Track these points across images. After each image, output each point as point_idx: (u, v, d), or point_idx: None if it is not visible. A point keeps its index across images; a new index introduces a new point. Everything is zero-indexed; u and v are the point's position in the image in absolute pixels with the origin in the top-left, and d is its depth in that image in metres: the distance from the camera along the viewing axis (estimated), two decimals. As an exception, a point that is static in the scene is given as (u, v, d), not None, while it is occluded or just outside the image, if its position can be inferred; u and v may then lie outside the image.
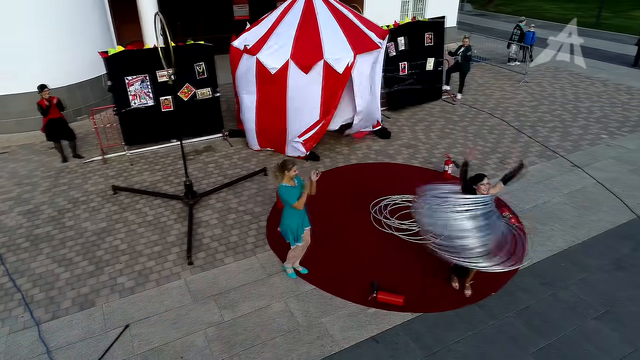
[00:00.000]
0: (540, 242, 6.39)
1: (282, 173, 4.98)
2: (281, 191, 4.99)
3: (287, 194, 4.96)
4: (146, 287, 5.59)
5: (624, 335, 4.98)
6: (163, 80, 8.52)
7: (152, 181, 7.97)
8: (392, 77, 10.86)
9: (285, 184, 4.99)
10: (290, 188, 5.00)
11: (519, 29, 14.54)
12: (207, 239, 6.49)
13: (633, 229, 6.73)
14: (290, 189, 4.99)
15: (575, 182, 7.98)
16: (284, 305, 5.34)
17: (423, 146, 9.30)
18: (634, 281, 5.75)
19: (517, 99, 11.98)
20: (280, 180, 5.01)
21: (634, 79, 13.64)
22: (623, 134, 9.93)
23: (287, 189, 4.98)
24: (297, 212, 5.10)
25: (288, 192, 4.97)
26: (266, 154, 8.91)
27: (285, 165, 4.98)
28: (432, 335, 4.97)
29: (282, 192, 4.98)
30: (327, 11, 8.15)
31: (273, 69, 7.83)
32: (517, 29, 14.59)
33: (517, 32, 14.58)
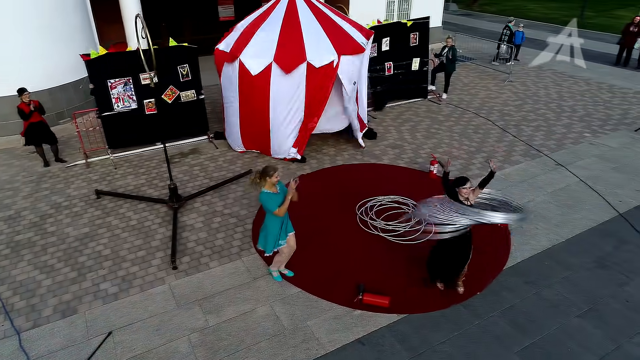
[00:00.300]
0: (524, 241, 6.44)
1: (264, 180, 4.94)
2: (262, 198, 4.95)
3: (268, 201, 4.93)
4: (130, 293, 5.52)
5: (607, 333, 5.03)
6: (146, 83, 8.43)
7: (137, 185, 7.88)
8: (378, 77, 10.90)
9: (266, 191, 4.95)
10: (272, 195, 4.96)
11: (509, 29, 14.63)
12: (192, 242, 6.43)
13: (615, 226, 6.82)
14: (272, 196, 4.96)
15: (558, 180, 8.06)
16: (269, 308, 5.31)
17: (409, 146, 9.32)
18: (616, 279, 5.82)
19: (501, 98, 12.08)
20: (261, 187, 4.97)
21: (616, 78, 13.84)
22: (606, 132, 10.06)
23: (268, 196, 4.94)
24: (278, 218, 5.08)
25: (269, 199, 4.94)
26: (252, 156, 8.86)
27: (266, 172, 4.94)
28: (417, 336, 4.98)
29: (264, 199, 4.95)
30: (310, 13, 8.13)
31: (256, 70, 7.79)
32: (507, 29, 14.68)
33: (506, 32, 14.67)
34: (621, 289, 5.66)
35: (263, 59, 7.78)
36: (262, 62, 7.78)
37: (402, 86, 11.38)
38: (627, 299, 5.50)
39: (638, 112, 11.12)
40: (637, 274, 5.89)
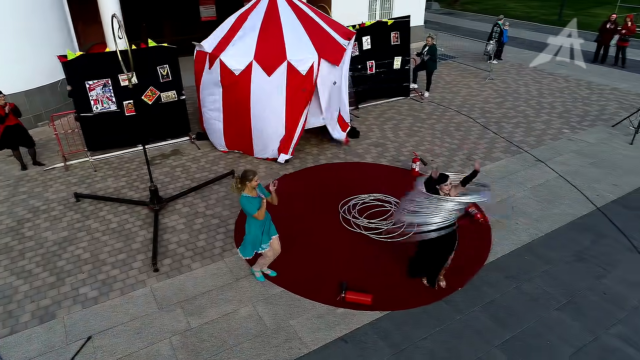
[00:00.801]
0: (505, 236, 6.52)
1: (243, 184, 4.92)
2: (242, 202, 4.94)
3: (248, 204, 4.92)
4: (110, 297, 5.45)
5: (585, 325, 5.12)
6: (125, 84, 8.33)
7: (117, 187, 7.78)
8: (360, 75, 10.93)
9: (246, 195, 4.94)
10: (252, 198, 4.95)
11: (499, 27, 14.73)
12: (174, 244, 6.37)
13: (593, 220, 6.95)
14: (252, 200, 4.94)
15: (538, 176, 8.18)
16: (252, 309, 5.29)
17: (391, 144, 9.37)
18: (594, 272, 5.92)
19: (482, 96, 12.21)
20: (241, 192, 4.95)
21: (594, 75, 14.08)
22: (584, 128, 10.24)
23: (248, 199, 4.93)
24: (259, 221, 5.07)
25: (249, 203, 4.92)
26: (234, 156, 8.81)
27: (246, 176, 4.92)
28: (400, 333, 5.00)
29: (243, 202, 4.93)
30: (291, 12, 8.12)
31: (237, 70, 7.77)
32: (497, 27, 14.76)
33: (497, 30, 14.76)
34: (599, 282, 5.76)
35: (243, 58, 7.75)
36: (242, 61, 7.74)
37: (384, 85, 11.44)
38: (604, 292, 5.60)
39: (615, 108, 11.33)
40: (614, 267, 6.01)
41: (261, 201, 4.99)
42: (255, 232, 5.14)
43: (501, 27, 14.68)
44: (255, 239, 5.17)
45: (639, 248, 6.35)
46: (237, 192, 4.99)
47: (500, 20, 14.83)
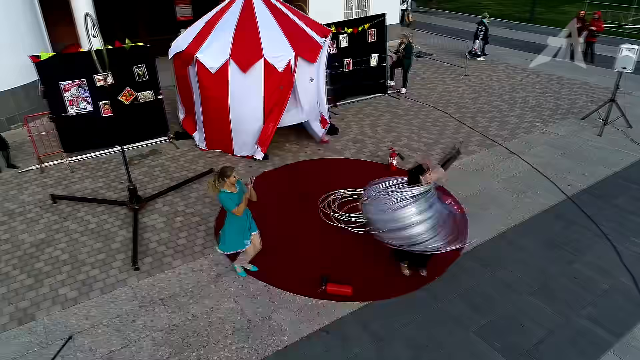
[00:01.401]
0: (480, 227, 6.71)
1: (222, 181, 4.96)
2: (221, 198, 4.98)
3: (227, 200, 4.96)
4: (90, 297, 5.42)
5: (556, 308, 5.32)
6: (101, 84, 8.25)
7: (95, 188, 7.71)
8: (338, 73, 11.03)
9: (225, 191, 4.98)
10: (231, 194, 4.99)
11: (483, 24, 15.00)
12: (154, 243, 6.36)
13: (563, 208, 7.20)
14: (231, 195, 4.99)
15: (512, 168, 8.41)
16: (234, 304, 5.33)
17: (370, 140, 9.50)
18: (565, 257, 6.15)
19: (458, 91, 12.46)
20: (220, 188, 4.99)
21: (564, 70, 14.49)
22: (555, 121, 10.56)
23: (227, 195, 4.97)
24: (240, 218, 5.11)
25: (228, 199, 4.96)
26: (214, 155, 8.82)
27: (224, 172, 4.96)
28: (380, 322, 5.12)
29: (222, 198, 4.97)
30: (267, 11, 8.17)
31: (213, 68, 7.78)
32: (482, 25, 15.02)
33: (482, 28, 15.02)
34: (570, 267, 5.98)
35: (220, 56, 7.76)
36: (219, 59, 7.76)
37: (362, 82, 11.57)
38: (575, 276, 5.83)
39: (584, 102, 11.71)
40: (584, 253, 6.25)
41: (241, 196, 5.04)
42: (236, 228, 5.18)
43: (486, 24, 14.95)
44: (237, 236, 5.21)
45: (607, 234, 6.61)
46: (216, 190, 5.01)
47: (485, 18, 15.10)
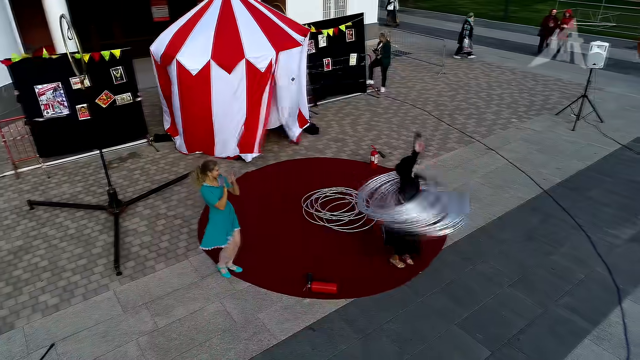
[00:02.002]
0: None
1: (204, 175, 4.96)
2: (203, 192, 4.97)
3: (209, 194, 4.95)
4: (72, 303, 5.34)
5: (535, 299, 5.47)
6: (78, 87, 8.11)
7: (73, 193, 7.58)
8: (317, 73, 11.08)
9: (207, 185, 4.97)
10: (213, 188, 4.99)
11: (469, 24, 15.20)
12: (136, 247, 6.29)
13: (540, 202, 7.39)
14: (214, 189, 4.99)
15: (490, 163, 8.59)
16: (219, 305, 5.32)
17: (350, 139, 9.57)
18: (542, 249, 6.32)
19: (436, 89, 12.64)
20: (202, 183, 4.99)
21: (538, 67, 14.84)
22: (530, 117, 10.81)
23: (209, 189, 4.97)
24: (223, 213, 5.11)
25: (210, 193, 4.96)
26: (195, 157, 8.76)
27: (207, 166, 4.96)
28: (365, 318, 5.18)
29: (205, 192, 4.97)
30: (246, 11, 8.16)
31: (194, 70, 7.73)
32: (467, 24, 15.23)
33: (467, 27, 15.24)
34: (547, 258, 6.15)
35: (201, 58, 7.72)
36: (200, 60, 7.72)
37: (342, 81, 11.64)
38: (552, 267, 5.99)
39: (558, 98, 12.01)
40: (561, 244, 6.43)
41: (222, 190, 5.03)
42: (220, 224, 5.17)
43: (471, 24, 15.18)
44: (219, 232, 5.20)
45: (582, 226, 6.81)
46: (198, 184, 5.01)
47: (471, 17, 15.32)
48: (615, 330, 5.04)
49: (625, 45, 16.79)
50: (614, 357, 4.71)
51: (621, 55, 15.69)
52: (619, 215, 7.05)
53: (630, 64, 15.02)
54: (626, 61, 15.30)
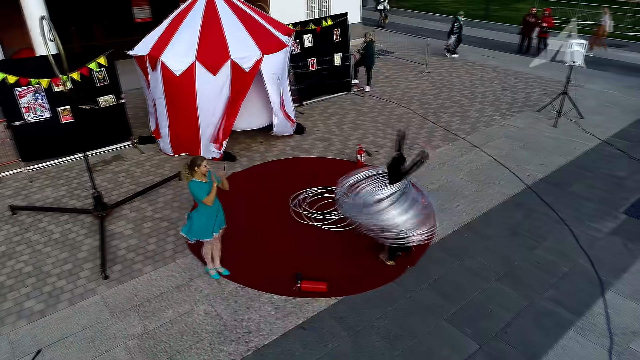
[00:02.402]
0: (447, 218, 6.92)
1: (192, 170, 4.95)
2: (191, 187, 4.96)
3: (197, 189, 4.95)
4: (58, 308, 5.27)
5: (522, 292, 5.57)
6: (60, 89, 7.98)
7: (57, 197, 7.47)
8: (302, 73, 11.09)
9: (196, 180, 4.96)
10: (201, 183, 4.98)
11: (459, 22, 15.28)
12: (123, 250, 6.23)
13: (524, 197, 7.52)
14: (202, 184, 4.98)
15: (474, 160, 8.71)
16: (208, 306, 5.30)
17: (337, 138, 9.61)
18: (527, 244, 6.43)
19: (420, 88, 12.76)
20: (191, 178, 4.98)
21: (519, 65, 15.07)
22: (513, 114, 10.98)
23: (197, 184, 4.96)
24: (210, 209, 5.09)
25: (199, 188, 4.95)
26: (180, 158, 8.69)
27: (195, 162, 4.96)
28: (355, 316, 5.21)
29: (193, 187, 4.95)
30: (230, 11, 8.13)
31: (178, 71, 7.67)
32: (457, 23, 15.31)
33: (457, 26, 15.32)
34: (532, 253, 6.27)
35: (185, 59, 7.67)
36: (184, 61, 7.66)
37: (327, 81, 11.67)
38: (537, 261, 6.11)
39: (539, 95, 12.22)
40: (544, 239, 6.55)
41: (211, 186, 5.02)
42: (206, 219, 5.15)
43: (461, 22, 15.29)
44: (205, 226, 5.18)
45: (565, 220, 6.95)
46: (188, 179, 4.99)
47: (460, 16, 15.42)
48: (598, 321, 5.16)
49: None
50: (597, 347, 4.83)
51: (599, 52, 16.05)
52: (600, 209, 7.22)
53: (607, 61, 15.37)
54: (604, 58, 15.65)
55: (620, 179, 8.07)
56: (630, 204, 7.34)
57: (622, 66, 14.93)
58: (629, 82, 13.31)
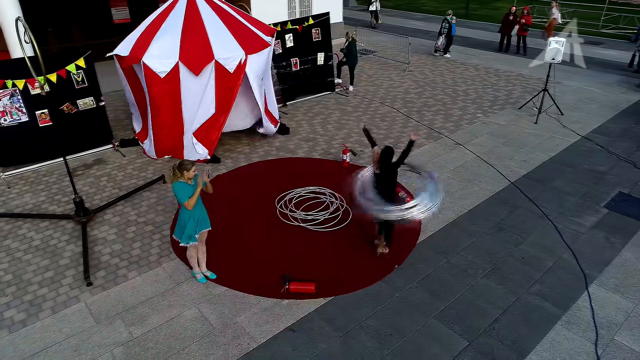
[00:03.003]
0: (433, 216, 6.92)
1: (181, 174, 4.89)
2: (175, 188, 4.90)
3: (181, 191, 4.89)
4: (40, 317, 5.13)
5: (508, 287, 5.63)
6: (37, 92, 7.78)
7: (36, 203, 7.28)
8: (285, 73, 11.03)
9: (181, 182, 4.90)
10: (186, 185, 4.93)
11: (447, 22, 15.34)
12: (106, 256, 6.10)
13: (508, 194, 7.60)
14: (186, 186, 4.93)
15: (458, 158, 8.78)
16: (196, 311, 5.23)
17: (321, 138, 9.59)
18: (512, 239, 6.51)
19: (403, 87, 12.82)
20: (177, 180, 4.92)
21: (500, 63, 15.28)
22: (495, 111, 11.11)
23: (181, 186, 4.91)
24: (192, 211, 5.02)
25: (182, 190, 4.90)
26: (163, 161, 8.56)
27: (184, 166, 4.90)
28: (344, 316, 5.20)
29: (176, 189, 4.90)
30: (212, 11, 8.04)
31: (162, 72, 7.55)
32: (446, 22, 15.36)
33: (445, 26, 15.36)
34: (517, 248, 6.34)
35: (168, 60, 7.55)
36: (167, 62, 7.54)
37: (310, 81, 11.64)
38: (522, 256, 6.18)
39: (520, 92, 12.40)
40: (529, 234, 6.64)
41: (195, 189, 4.96)
42: (187, 221, 5.09)
43: (449, 22, 15.36)
44: (188, 229, 5.12)
45: (548, 215, 7.06)
46: (171, 182, 4.95)
47: (449, 15, 15.48)
48: (583, 314, 5.25)
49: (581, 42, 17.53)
50: (583, 340, 4.91)
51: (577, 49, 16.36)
52: (581, 204, 7.34)
53: (586, 59, 15.67)
54: (581, 55, 15.95)
55: (600, 174, 8.23)
56: (611, 198, 7.49)
57: (599, 63, 15.25)
58: (606, 78, 13.59)
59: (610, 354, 4.75)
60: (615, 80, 13.49)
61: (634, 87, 12.82)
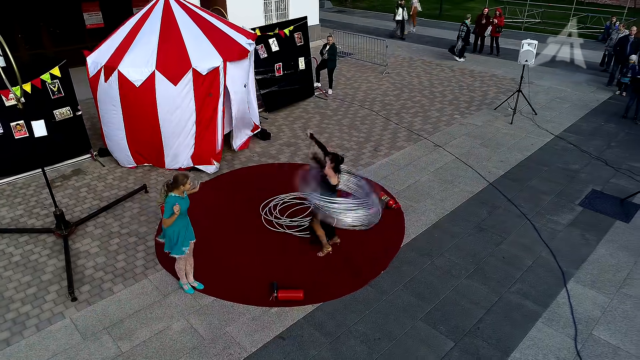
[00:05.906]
0: (416, 218, 7.10)
1: (177, 189, 4.93)
2: (169, 201, 4.89)
3: (170, 209, 4.86)
4: (24, 335, 5.03)
5: (491, 287, 5.80)
6: (12, 103, 7.59)
7: (14, 217, 7.11)
8: (268, 78, 11.01)
9: (174, 194, 4.93)
10: (179, 198, 4.94)
11: (465, 25, 15.43)
12: (90, 269, 6.02)
13: (487, 194, 7.81)
14: (178, 200, 4.93)
15: (438, 160, 8.96)
16: (184, 322, 5.21)
17: (303, 143, 9.63)
18: (493, 239, 6.70)
19: (381, 89, 12.97)
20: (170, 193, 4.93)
21: (474, 64, 15.61)
22: (471, 112, 11.36)
23: (174, 200, 4.91)
24: (178, 222, 5.01)
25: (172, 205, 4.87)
26: (144, 170, 8.47)
27: (179, 181, 4.92)
28: (333, 322, 5.27)
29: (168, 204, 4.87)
30: (188, 18, 7.99)
31: (138, 81, 7.46)
32: (464, 26, 15.45)
33: (463, 29, 15.44)
34: (498, 248, 6.53)
35: (145, 68, 7.47)
36: (143, 71, 7.47)
37: (293, 85, 11.62)
38: (503, 256, 6.37)
39: (495, 93, 12.71)
40: (509, 233, 6.84)
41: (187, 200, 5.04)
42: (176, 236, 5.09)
43: (468, 25, 15.46)
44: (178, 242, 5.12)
45: (526, 214, 7.28)
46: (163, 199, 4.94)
47: (468, 19, 15.58)
48: (563, 310, 5.45)
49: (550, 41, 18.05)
50: (564, 337, 5.10)
51: (548, 50, 16.85)
52: (557, 202, 7.60)
53: (555, 58, 16.16)
54: (552, 55, 16.44)
55: (574, 172, 8.53)
56: (585, 196, 7.77)
57: (569, 63, 15.73)
58: (576, 78, 14.05)
59: (589, 349, 4.95)
60: (585, 79, 13.95)
61: (602, 86, 13.29)
